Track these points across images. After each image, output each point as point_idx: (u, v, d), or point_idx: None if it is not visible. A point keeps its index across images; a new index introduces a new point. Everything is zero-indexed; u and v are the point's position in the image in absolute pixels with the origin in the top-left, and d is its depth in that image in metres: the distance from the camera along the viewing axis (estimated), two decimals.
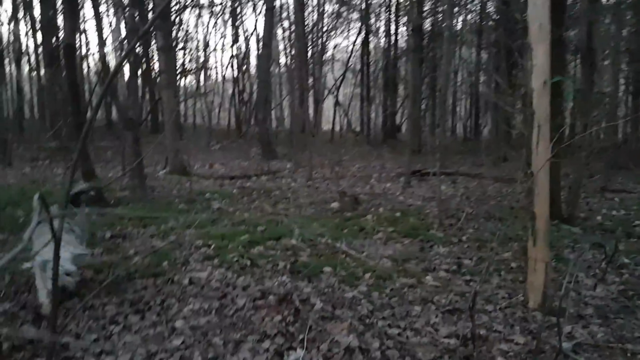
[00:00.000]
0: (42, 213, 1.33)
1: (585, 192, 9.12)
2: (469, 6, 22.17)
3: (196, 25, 49.66)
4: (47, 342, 2.68)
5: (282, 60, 26.38)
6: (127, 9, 12.52)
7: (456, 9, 21.16)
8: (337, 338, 3.23)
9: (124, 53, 10.94)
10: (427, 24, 22.86)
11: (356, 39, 26.47)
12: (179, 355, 3.00)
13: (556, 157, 3.70)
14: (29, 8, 20.37)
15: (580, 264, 4.82)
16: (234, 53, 26.21)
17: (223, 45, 46.15)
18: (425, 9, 22.30)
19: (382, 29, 26.95)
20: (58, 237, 1.64)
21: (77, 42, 16.75)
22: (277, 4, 23.81)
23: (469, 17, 23.75)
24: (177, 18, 21.57)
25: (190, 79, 27.19)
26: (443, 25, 19.69)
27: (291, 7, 24.07)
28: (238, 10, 26.00)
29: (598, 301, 4.11)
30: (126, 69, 16.52)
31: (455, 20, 22.15)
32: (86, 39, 25.63)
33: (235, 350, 3.11)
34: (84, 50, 24.01)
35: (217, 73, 32.34)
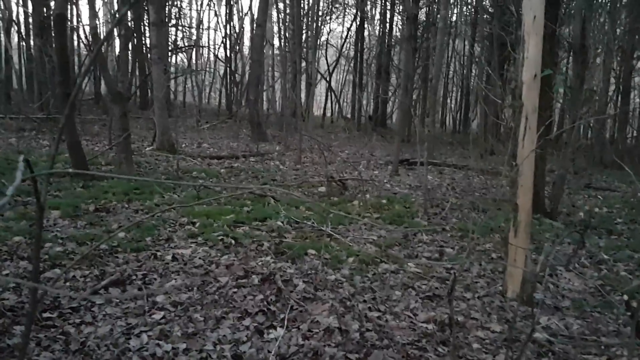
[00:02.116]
0: (26, 173, 1.31)
1: (569, 188, 9.24)
2: None
3: (190, 2, 48.85)
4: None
5: (276, 42, 26.12)
6: None
7: (452, 0, 21.11)
8: (317, 318, 3.27)
9: (114, 21, 10.77)
10: (423, 14, 22.80)
11: (351, 25, 26.32)
12: (159, 329, 3.01)
13: (541, 148, 3.73)
14: None
15: (554, 255, 4.89)
16: (227, 32, 25.88)
17: (217, 24, 45.55)
18: None
19: (377, 16, 26.84)
20: (43, 202, 1.64)
21: (68, 12, 16.42)
22: None
23: (464, 9, 23.68)
24: None
25: (181, 57, 26.82)
26: (438, 16, 19.63)
27: None
28: None
29: (576, 294, 4.19)
30: (117, 43, 16.32)
31: (450, 12, 22.06)
32: (77, 10, 25.00)
33: (215, 326, 3.13)
34: (75, 22, 23.57)
35: (209, 52, 31.89)
